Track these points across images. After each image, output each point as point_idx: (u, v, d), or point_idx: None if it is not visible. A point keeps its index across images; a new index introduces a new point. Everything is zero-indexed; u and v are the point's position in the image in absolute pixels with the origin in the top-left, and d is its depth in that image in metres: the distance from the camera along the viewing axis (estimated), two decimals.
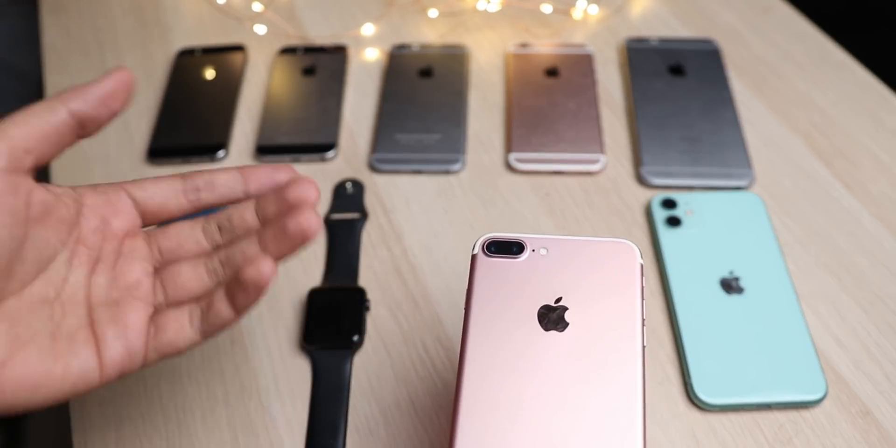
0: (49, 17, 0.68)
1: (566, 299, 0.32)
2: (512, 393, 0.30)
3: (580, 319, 0.31)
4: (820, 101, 0.59)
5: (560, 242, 0.33)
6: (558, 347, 0.31)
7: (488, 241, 0.33)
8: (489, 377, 0.30)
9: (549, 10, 0.65)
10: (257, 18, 0.66)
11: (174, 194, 0.35)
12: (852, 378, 0.43)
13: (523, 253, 0.33)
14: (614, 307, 0.32)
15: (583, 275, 0.33)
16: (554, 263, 0.33)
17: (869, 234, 0.50)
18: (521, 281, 0.32)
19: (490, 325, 0.32)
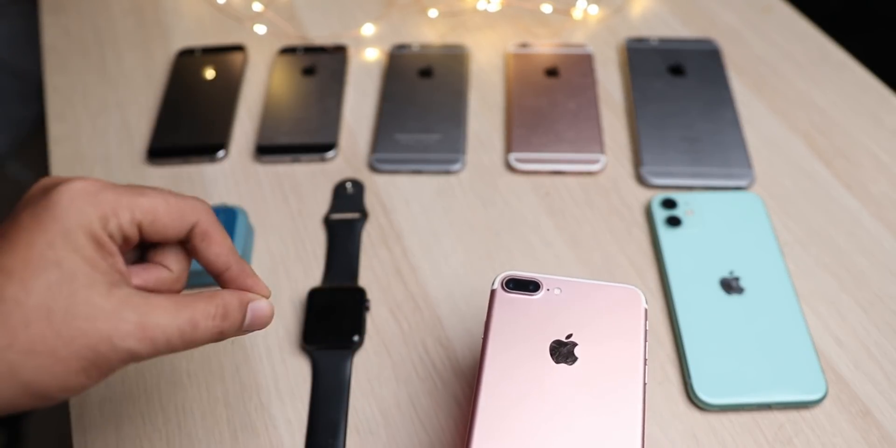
0: (49, 17, 0.68)
1: (576, 336, 0.35)
2: (523, 418, 0.33)
3: (588, 355, 0.34)
4: (820, 101, 0.59)
5: (573, 284, 0.36)
6: (567, 379, 0.34)
7: (507, 278, 0.36)
8: (502, 403, 0.33)
9: (549, 10, 0.65)
10: (257, 18, 0.66)
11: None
12: (852, 378, 0.43)
13: (539, 291, 0.36)
14: (620, 346, 0.35)
15: (592, 315, 0.35)
16: (566, 302, 0.36)
17: (869, 234, 0.50)
18: (535, 317, 0.35)
19: (505, 355, 0.34)
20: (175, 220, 0.31)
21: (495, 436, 0.32)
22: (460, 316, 0.47)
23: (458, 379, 0.44)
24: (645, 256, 0.49)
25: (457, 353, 0.45)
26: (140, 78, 0.63)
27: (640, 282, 0.48)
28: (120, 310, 0.28)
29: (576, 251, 0.50)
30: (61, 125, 0.59)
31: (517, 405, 0.33)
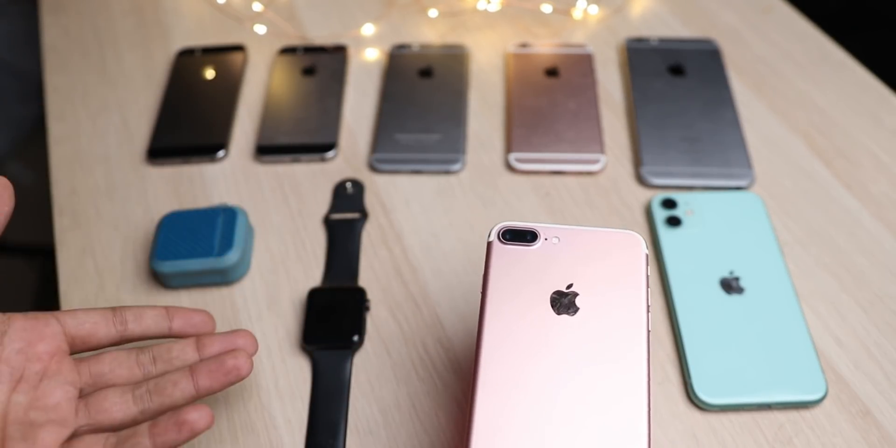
0: (49, 17, 0.68)
1: (577, 285, 0.34)
2: (525, 371, 0.32)
3: (590, 305, 0.33)
4: (820, 101, 0.59)
5: (571, 232, 0.35)
6: (569, 330, 0.33)
7: (504, 229, 0.35)
8: (504, 357, 0.32)
9: (549, 10, 0.65)
10: (257, 18, 0.66)
11: (104, 323, 0.37)
12: (852, 378, 0.43)
13: (537, 241, 0.35)
14: (621, 294, 0.34)
15: (592, 263, 0.35)
16: (565, 252, 0.35)
17: (869, 234, 0.50)
18: (534, 267, 0.34)
19: (505, 308, 0.33)
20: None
21: (499, 391, 0.32)
22: (460, 316, 0.47)
23: (458, 379, 0.44)
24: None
25: (457, 353, 0.45)
26: (140, 78, 0.63)
27: None
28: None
29: None
30: (61, 125, 0.59)
31: (520, 360, 0.32)
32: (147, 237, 0.51)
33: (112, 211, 0.53)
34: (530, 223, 0.36)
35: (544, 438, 0.31)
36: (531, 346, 0.33)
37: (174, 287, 0.48)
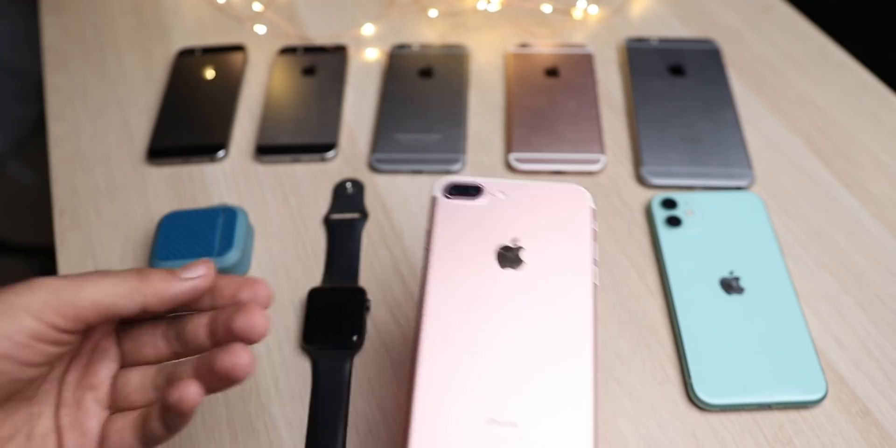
0: (49, 17, 0.68)
1: (523, 240, 0.34)
2: (471, 327, 0.32)
3: (536, 259, 0.33)
4: (820, 101, 0.59)
5: (516, 186, 0.35)
6: (514, 284, 0.33)
7: (449, 183, 0.35)
8: (450, 312, 0.32)
9: (549, 10, 0.65)
10: (257, 18, 0.66)
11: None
12: (852, 378, 0.43)
13: (481, 196, 0.35)
14: (568, 248, 0.33)
15: (538, 217, 0.34)
16: (511, 206, 0.34)
17: (869, 234, 0.50)
18: (479, 222, 0.34)
19: (451, 263, 0.33)
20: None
21: (444, 346, 0.31)
22: None
23: None
24: (645, 256, 0.49)
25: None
26: (140, 78, 0.63)
27: (640, 282, 0.48)
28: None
29: None
30: (61, 125, 0.59)
31: (465, 314, 0.32)
32: (147, 237, 0.51)
33: (112, 211, 0.53)
34: (475, 178, 0.35)
35: (490, 395, 0.31)
36: (476, 301, 0.32)
37: None
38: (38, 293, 0.28)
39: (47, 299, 0.28)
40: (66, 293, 0.28)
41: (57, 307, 0.28)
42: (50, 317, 0.28)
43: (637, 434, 0.41)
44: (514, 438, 0.30)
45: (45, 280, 0.28)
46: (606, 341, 0.45)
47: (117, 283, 0.30)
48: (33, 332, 0.27)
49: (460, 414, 0.30)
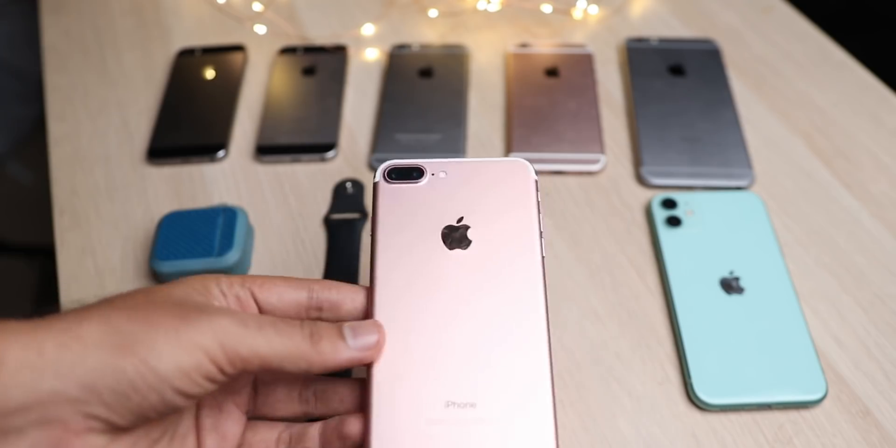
0: (49, 17, 0.68)
1: (467, 218, 0.34)
2: (423, 311, 0.32)
3: (482, 237, 0.33)
4: (820, 101, 0.59)
5: (457, 165, 0.35)
6: (463, 264, 0.33)
7: (388, 167, 0.35)
8: (400, 298, 0.32)
9: (549, 10, 0.65)
10: (257, 18, 0.66)
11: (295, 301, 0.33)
12: (852, 378, 0.43)
13: (423, 177, 0.35)
14: (513, 222, 0.34)
15: (482, 194, 0.34)
16: (453, 185, 0.34)
17: (869, 234, 0.50)
18: (423, 204, 0.34)
19: (397, 248, 0.33)
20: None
21: (396, 334, 0.31)
22: None
23: None
24: (645, 256, 0.49)
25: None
26: (140, 78, 0.63)
27: (640, 282, 0.48)
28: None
29: (576, 251, 0.50)
30: (61, 125, 0.59)
31: (415, 299, 0.32)
32: (147, 237, 0.51)
33: (112, 211, 0.53)
34: (415, 160, 0.35)
35: (446, 378, 0.31)
36: (426, 285, 0.32)
37: None
38: (216, 334, 0.28)
39: (223, 343, 0.28)
40: (238, 340, 0.28)
41: (229, 354, 0.28)
42: (221, 361, 0.28)
43: (637, 434, 0.41)
44: (475, 419, 0.30)
45: (221, 321, 0.28)
46: (606, 341, 0.45)
47: (288, 343, 0.29)
48: (205, 371, 0.28)
49: (418, 400, 0.31)
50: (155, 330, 0.27)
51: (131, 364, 0.26)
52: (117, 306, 0.28)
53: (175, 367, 0.27)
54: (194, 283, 0.31)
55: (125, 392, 0.26)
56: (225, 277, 0.32)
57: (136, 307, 0.28)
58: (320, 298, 0.33)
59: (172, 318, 0.28)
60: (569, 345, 0.45)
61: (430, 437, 0.30)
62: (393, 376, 0.31)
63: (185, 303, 0.29)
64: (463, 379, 0.31)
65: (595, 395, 0.43)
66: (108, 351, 0.26)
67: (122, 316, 0.27)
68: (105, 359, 0.26)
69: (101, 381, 0.26)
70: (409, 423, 0.30)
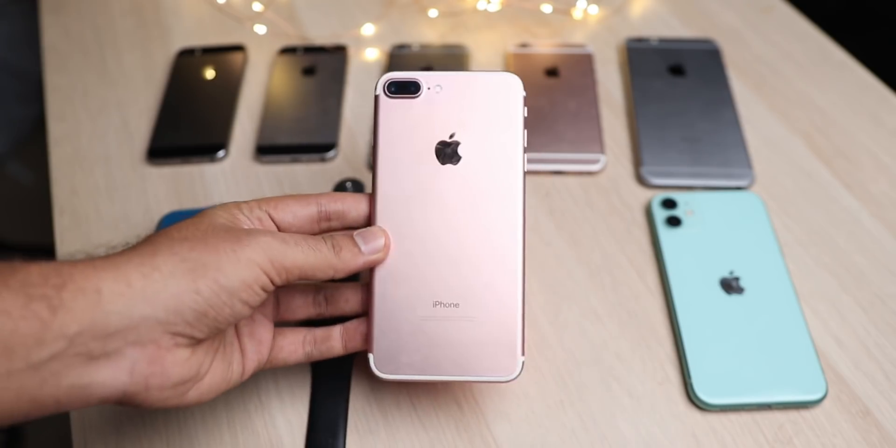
0: (49, 17, 0.68)
1: (458, 134, 0.37)
2: (417, 222, 0.37)
3: (471, 152, 0.37)
4: (820, 101, 0.59)
5: (451, 78, 0.38)
6: (453, 179, 0.37)
7: (388, 81, 0.38)
8: (397, 209, 0.37)
9: (549, 10, 0.65)
10: (257, 18, 0.66)
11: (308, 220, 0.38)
12: (852, 378, 0.43)
13: (420, 92, 0.38)
14: (499, 139, 0.37)
15: (472, 109, 0.37)
16: (447, 100, 0.37)
17: (869, 234, 0.50)
18: (419, 119, 0.37)
19: (395, 161, 0.37)
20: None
21: (394, 241, 0.37)
22: None
23: None
24: (645, 256, 0.49)
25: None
26: (140, 78, 0.63)
27: (640, 282, 0.48)
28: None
29: (576, 251, 0.50)
30: (61, 125, 0.59)
31: (410, 210, 0.37)
32: None
33: (112, 211, 0.53)
34: (413, 73, 0.37)
35: (435, 281, 0.37)
36: (419, 197, 0.37)
37: None
38: (265, 251, 0.32)
39: (271, 257, 0.33)
40: (282, 255, 0.33)
41: (276, 266, 0.33)
42: (271, 273, 0.33)
43: (637, 434, 0.41)
44: (457, 317, 0.36)
45: (269, 239, 0.33)
46: (606, 341, 0.45)
47: (318, 255, 0.34)
48: (261, 282, 0.32)
49: (411, 299, 0.37)
50: (217, 253, 0.31)
51: (205, 285, 0.31)
52: (176, 238, 0.32)
53: (240, 282, 0.31)
54: (222, 213, 0.35)
55: (203, 310, 0.31)
56: (244, 203, 0.36)
57: (194, 236, 0.32)
58: (328, 210, 0.37)
59: (226, 241, 0.32)
60: (569, 345, 0.45)
61: (422, 331, 0.37)
62: (391, 279, 0.37)
63: (230, 228, 0.34)
64: (449, 282, 0.37)
65: (595, 395, 0.43)
66: (184, 277, 0.30)
67: (186, 246, 0.31)
68: (183, 284, 0.30)
69: (183, 304, 0.30)
70: (404, 318, 0.37)
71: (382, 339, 0.37)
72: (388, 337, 0.37)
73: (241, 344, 0.36)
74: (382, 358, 0.37)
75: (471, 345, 0.36)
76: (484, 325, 0.36)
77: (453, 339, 0.36)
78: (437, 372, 0.37)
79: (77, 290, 0.28)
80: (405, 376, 0.37)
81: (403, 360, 0.37)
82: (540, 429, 0.42)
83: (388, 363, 0.37)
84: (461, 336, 0.36)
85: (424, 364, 0.37)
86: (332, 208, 0.37)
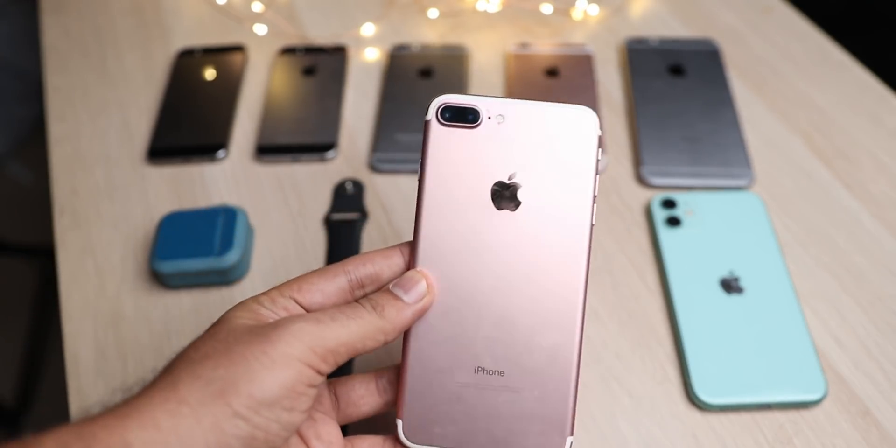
0: (49, 17, 0.68)
1: (520, 175, 0.32)
2: (460, 271, 0.32)
3: (532, 198, 0.32)
4: (820, 101, 0.59)
5: (516, 107, 0.32)
6: (509, 227, 0.32)
7: (442, 105, 0.33)
8: (441, 257, 0.32)
9: (550, 10, 0.65)
10: (257, 18, 0.66)
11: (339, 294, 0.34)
12: (852, 378, 0.43)
13: (479, 121, 0.32)
14: (567, 184, 0.32)
15: (538, 146, 0.32)
16: (509, 134, 0.32)
17: (869, 234, 0.50)
18: (475, 154, 0.32)
19: (444, 202, 0.32)
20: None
21: (436, 295, 0.32)
22: None
23: None
24: (645, 256, 0.49)
25: None
26: (140, 78, 0.63)
27: (640, 282, 0.48)
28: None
29: None
30: (61, 125, 0.59)
31: (455, 259, 0.32)
32: (147, 237, 0.51)
33: (112, 211, 0.53)
34: (473, 98, 0.33)
35: (479, 344, 0.32)
36: (468, 244, 0.32)
37: (174, 287, 0.48)
38: (301, 340, 0.28)
39: (311, 345, 0.28)
40: (322, 336, 0.29)
41: (319, 352, 0.29)
42: (315, 362, 0.29)
43: (637, 434, 0.41)
44: (501, 387, 0.32)
45: (301, 325, 0.29)
46: (606, 341, 0.45)
47: (361, 323, 0.30)
48: (306, 379, 0.28)
49: (451, 363, 0.32)
50: (246, 362, 0.27)
51: (241, 405, 0.27)
52: (196, 358, 0.28)
53: (279, 388, 0.27)
54: (241, 313, 0.31)
55: (249, 434, 0.27)
56: (263, 296, 0.32)
57: (215, 351, 0.28)
58: (359, 277, 0.33)
59: (253, 344, 0.28)
60: None
61: (460, 400, 0.32)
62: (428, 337, 0.32)
63: (252, 327, 0.29)
64: (495, 346, 0.32)
65: (595, 395, 0.43)
66: (215, 403, 0.26)
67: (208, 365, 0.27)
68: (217, 411, 0.26)
69: (225, 435, 0.26)
70: (440, 384, 0.32)
71: (415, 404, 0.32)
72: (420, 403, 0.32)
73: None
74: (413, 425, 0.32)
75: (513, 420, 0.32)
76: (531, 400, 0.32)
77: (494, 411, 0.32)
78: (473, 446, 0.32)
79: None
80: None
81: (437, 430, 0.32)
82: None
83: (419, 432, 0.32)
84: (503, 409, 0.32)
85: (459, 436, 0.32)
86: (363, 273, 0.33)
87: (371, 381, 0.35)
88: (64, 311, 0.48)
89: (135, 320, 0.47)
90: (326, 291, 0.32)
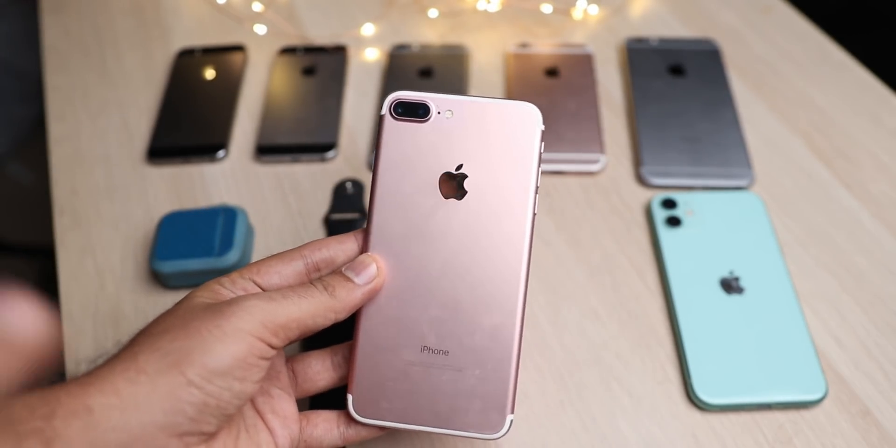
0: (49, 17, 0.68)
1: (466, 166, 0.34)
2: (409, 257, 0.34)
3: (477, 187, 0.34)
4: (820, 101, 0.59)
5: (464, 104, 0.34)
6: (455, 215, 0.34)
7: (395, 101, 0.35)
8: (391, 243, 0.34)
9: (549, 10, 0.65)
10: (257, 18, 0.66)
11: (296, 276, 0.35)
12: (852, 378, 0.43)
13: (429, 116, 0.34)
14: (511, 176, 0.34)
15: (484, 140, 0.34)
16: (457, 127, 0.34)
17: (869, 234, 0.50)
18: (425, 146, 0.34)
19: (395, 191, 0.34)
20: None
21: (386, 279, 0.34)
22: None
23: None
24: (645, 256, 0.49)
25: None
26: (140, 78, 0.63)
27: (640, 282, 0.48)
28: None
29: (576, 251, 0.50)
30: (61, 125, 0.59)
31: (405, 245, 0.34)
32: (147, 237, 0.51)
33: (112, 211, 0.53)
34: (423, 95, 0.35)
35: (426, 326, 0.34)
36: (417, 231, 0.34)
37: (174, 287, 0.48)
38: (254, 315, 0.30)
39: (262, 320, 0.30)
40: (274, 313, 0.30)
41: (270, 326, 0.30)
42: (266, 336, 0.30)
43: (637, 434, 0.41)
44: (445, 366, 0.34)
45: (254, 302, 0.30)
46: (606, 341, 0.45)
47: (312, 301, 0.32)
48: (257, 351, 0.30)
49: (398, 342, 0.34)
50: (200, 335, 0.29)
51: (194, 374, 0.28)
52: (156, 332, 0.30)
53: (231, 358, 0.29)
54: (201, 293, 0.32)
55: (202, 401, 0.28)
56: (224, 277, 0.33)
57: (172, 327, 0.30)
58: (315, 261, 0.34)
59: (208, 319, 0.30)
60: (569, 345, 0.45)
61: (407, 377, 0.34)
62: (378, 317, 0.34)
63: (209, 305, 0.31)
64: (440, 327, 0.34)
65: (595, 395, 0.43)
66: (170, 371, 0.28)
67: (165, 338, 0.29)
68: (172, 379, 0.28)
69: (179, 401, 0.28)
70: (388, 361, 0.34)
71: (363, 380, 0.34)
72: (369, 379, 0.34)
73: (266, 422, 0.34)
74: (362, 400, 0.34)
75: (456, 397, 0.33)
76: (473, 378, 0.33)
77: (438, 388, 0.34)
78: (418, 422, 0.34)
79: (68, 415, 0.26)
80: (383, 422, 0.34)
81: (384, 405, 0.34)
82: (540, 429, 0.42)
83: (368, 406, 0.34)
84: (447, 387, 0.34)
85: (405, 412, 0.34)
86: (319, 257, 0.35)
87: (327, 357, 0.36)
88: (64, 310, 0.48)
89: (135, 320, 0.47)
90: (284, 273, 0.34)
